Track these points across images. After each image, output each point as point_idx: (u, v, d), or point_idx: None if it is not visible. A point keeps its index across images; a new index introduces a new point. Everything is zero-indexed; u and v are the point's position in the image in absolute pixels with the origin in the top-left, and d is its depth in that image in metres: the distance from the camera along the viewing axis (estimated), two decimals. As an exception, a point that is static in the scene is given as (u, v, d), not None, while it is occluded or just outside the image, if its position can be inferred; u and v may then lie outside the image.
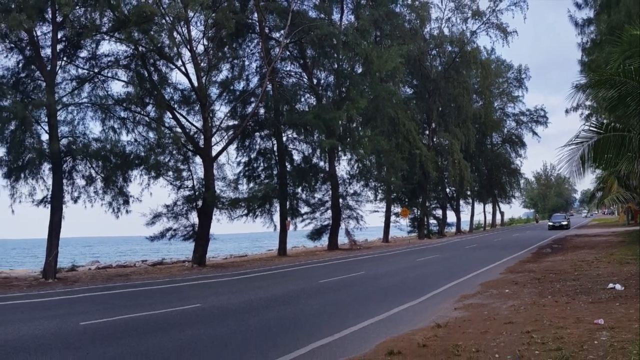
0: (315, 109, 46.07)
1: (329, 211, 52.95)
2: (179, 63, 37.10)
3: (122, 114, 34.81)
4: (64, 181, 31.80)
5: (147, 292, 23.38)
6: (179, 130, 37.74)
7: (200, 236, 38.14)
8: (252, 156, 48.76)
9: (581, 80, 34.07)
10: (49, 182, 31.27)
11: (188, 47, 37.04)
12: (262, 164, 49.18)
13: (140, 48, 34.14)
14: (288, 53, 49.22)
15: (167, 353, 11.33)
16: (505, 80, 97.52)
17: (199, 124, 39.12)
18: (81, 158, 32.57)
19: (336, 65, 48.75)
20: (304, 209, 52.27)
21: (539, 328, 11.59)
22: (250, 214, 45.43)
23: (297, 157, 50.49)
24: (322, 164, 52.06)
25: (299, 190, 51.02)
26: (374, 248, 54.35)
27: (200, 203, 38.59)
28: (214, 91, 42.40)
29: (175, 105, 38.29)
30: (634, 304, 13.84)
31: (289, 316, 15.71)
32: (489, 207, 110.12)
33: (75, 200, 33.50)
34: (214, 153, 39.26)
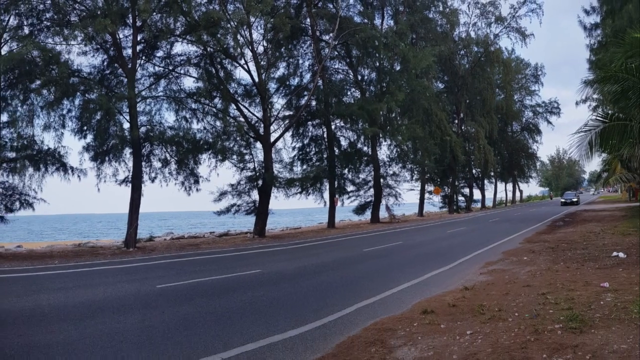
0: (360, 101, 45.96)
1: (372, 189, 52.53)
2: (242, 62, 37.02)
3: (193, 106, 34.33)
4: (143, 163, 31.52)
5: (215, 260, 22.92)
6: (242, 119, 37.41)
7: (261, 211, 37.93)
8: (305, 142, 48.63)
9: (589, 77, 33.45)
10: (130, 164, 31.12)
11: (250, 48, 36.77)
12: (313, 149, 48.89)
13: (208, 48, 33.74)
14: (336, 53, 48.64)
15: (232, 312, 11.16)
16: (523, 77, 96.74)
17: (259, 114, 38.73)
18: (158, 144, 32.41)
19: (378, 64, 48.27)
20: (350, 188, 52.18)
21: (552, 290, 11.46)
22: (304, 192, 45.32)
23: (344, 142, 50.12)
24: (365, 148, 51.53)
25: (346, 171, 50.63)
26: (410, 221, 53.68)
27: (260, 182, 38.25)
28: (272, 86, 42.14)
29: (239, 98, 37.87)
30: (635, 270, 13.69)
31: (337, 280, 15.59)
32: (509, 186, 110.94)
33: (153, 180, 33.35)
34: (272, 139, 39.05)
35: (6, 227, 30.63)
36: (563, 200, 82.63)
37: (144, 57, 32.33)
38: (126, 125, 30.35)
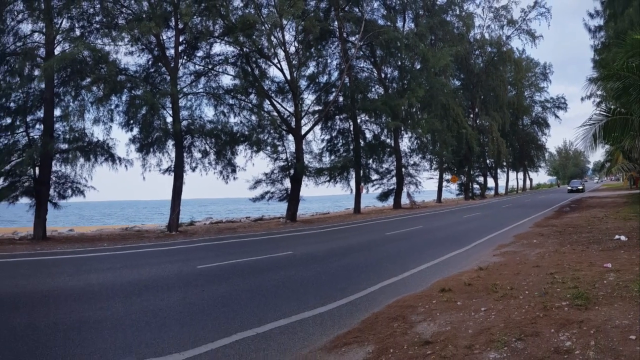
0: (383, 97, 45.80)
1: (394, 178, 52.43)
2: (275, 61, 37.06)
3: (230, 101, 34.40)
4: (184, 154, 31.66)
5: (250, 242, 22.94)
6: (275, 114, 37.46)
7: (292, 198, 38.02)
8: (333, 134, 48.35)
9: (593, 75, 33.14)
10: (172, 155, 31.29)
11: (282, 48, 36.83)
12: (341, 141, 48.62)
13: (244, 49, 33.79)
14: (361, 53, 48.32)
15: (266, 290, 11.20)
16: (533, 74, 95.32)
17: (291, 109, 38.78)
18: (198, 136, 32.56)
19: (400, 63, 48.10)
20: (374, 176, 52.11)
21: (560, 270, 11.36)
22: (332, 180, 44.99)
23: (368, 135, 49.79)
24: (388, 140, 51.35)
25: (370, 161, 50.44)
26: (430, 207, 53.36)
27: (292, 172, 38.31)
28: (302, 83, 42.01)
29: (272, 94, 37.98)
30: (636, 252, 13.49)
31: (362, 261, 15.42)
32: (520, 175, 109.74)
33: (193, 169, 33.41)
34: (303, 132, 39.14)
35: (59, 213, 30.97)
36: (569, 188, 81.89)
37: (185, 57, 32.47)
38: (169, 119, 30.53)
